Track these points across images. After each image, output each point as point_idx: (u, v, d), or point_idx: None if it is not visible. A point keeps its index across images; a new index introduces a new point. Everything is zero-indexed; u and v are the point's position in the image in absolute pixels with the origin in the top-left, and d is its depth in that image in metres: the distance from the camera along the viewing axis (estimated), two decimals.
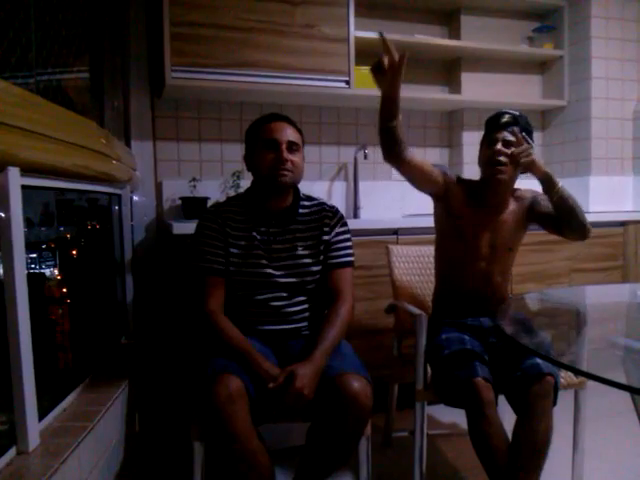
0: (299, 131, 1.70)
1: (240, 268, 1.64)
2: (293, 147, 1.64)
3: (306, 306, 1.70)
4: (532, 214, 1.86)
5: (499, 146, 1.74)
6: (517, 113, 1.79)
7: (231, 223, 1.66)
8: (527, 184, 1.92)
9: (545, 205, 1.83)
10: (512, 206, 1.85)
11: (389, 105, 1.61)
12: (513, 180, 1.82)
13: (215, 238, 1.64)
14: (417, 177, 1.76)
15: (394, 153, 1.67)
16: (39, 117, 1.29)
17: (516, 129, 1.74)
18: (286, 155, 1.62)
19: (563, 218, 1.76)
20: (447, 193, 1.82)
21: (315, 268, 1.70)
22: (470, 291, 1.85)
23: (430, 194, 1.85)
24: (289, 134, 1.64)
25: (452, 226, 1.84)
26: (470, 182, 1.89)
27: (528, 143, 1.76)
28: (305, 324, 1.70)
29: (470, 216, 1.81)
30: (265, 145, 1.63)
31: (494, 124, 1.79)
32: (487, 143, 1.79)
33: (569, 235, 1.81)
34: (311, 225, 1.71)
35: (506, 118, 1.77)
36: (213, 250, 1.63)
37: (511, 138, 1.74)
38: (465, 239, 1.82)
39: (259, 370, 1.45)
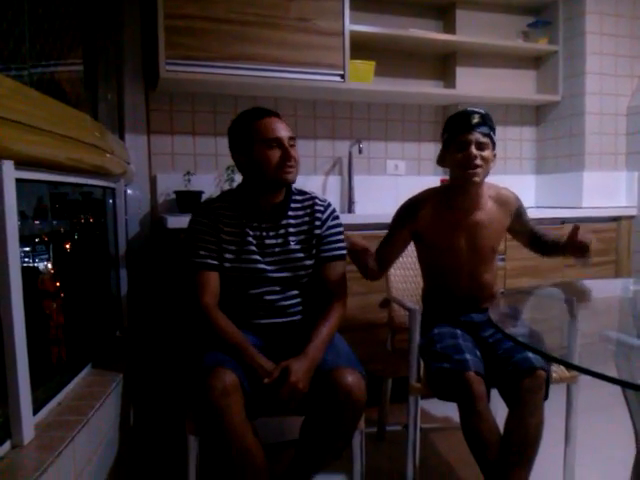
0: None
1: (233, 263, 1.64)
2: (291, 142, 1.63)
3: (299, 300, 1.71)
4: (513, 223, 1.86)
5: (473, 150, 1.66)
6: (483, 111, 1.71)
7: (223, 219, 1.66)
8: (496, 179, 1.92)
9: (525, 220, 1.87)
10: (489, 205, 1.79)
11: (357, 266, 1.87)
12: (484, 179, 1.76)
13: (208, 233, 1.64)
14: (398, 257, 1.94)
15: (376, 279, 1.92)
16: (32, 110, 1.28)
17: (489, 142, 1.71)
18: (292, 152, 1.61)
19: (548, 252, 1.85)
20: (417, 230, 1.82)
21: (308, 262, 1.70)
22: (457, 292, 1.84)
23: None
24: (286, 129, 1.63)
25: (429, 241, 1.83)
26: (438, 189, 1.87)
27: (493, 142, 1.72)
28: (299, 318, 1.71)
29: (444, 223, 1.78)
30: (268, 144, 1.60)
31: (464, 125, 1.68)
32: (457, 146, 1.69)
33: (536, 252, 1.90)
34: (303, 219, 1.71)
35: (477, 119, 1.67)
36: (206, 245, 1.63)
37: (483, 140, 1.67)
38: (444, 245, 1.80)
39: (253, 364, 1.46)
